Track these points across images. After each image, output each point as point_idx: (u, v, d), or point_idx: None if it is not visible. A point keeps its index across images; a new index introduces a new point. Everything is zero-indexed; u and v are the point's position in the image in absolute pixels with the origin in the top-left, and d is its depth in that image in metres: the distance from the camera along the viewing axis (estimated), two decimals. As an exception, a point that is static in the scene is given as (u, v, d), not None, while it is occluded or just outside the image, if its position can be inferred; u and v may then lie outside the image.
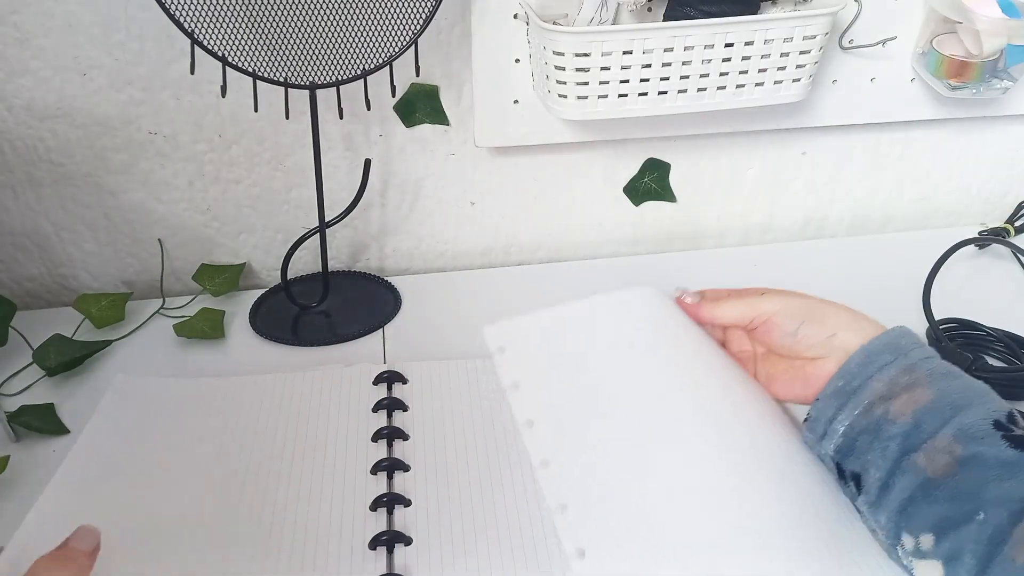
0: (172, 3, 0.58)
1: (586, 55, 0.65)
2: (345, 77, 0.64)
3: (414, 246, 0.85)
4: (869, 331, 0.53)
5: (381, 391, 0.64)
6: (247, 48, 0.61)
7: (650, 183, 0.85)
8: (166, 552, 0.51)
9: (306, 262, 0.82)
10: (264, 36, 0.61)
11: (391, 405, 0.62)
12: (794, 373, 0.56)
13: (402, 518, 0.54)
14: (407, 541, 0.52)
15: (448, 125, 0.77)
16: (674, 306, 0.60)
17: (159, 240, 0.79)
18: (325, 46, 0.63)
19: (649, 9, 0.70)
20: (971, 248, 0.83)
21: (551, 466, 0.51)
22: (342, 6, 0.62)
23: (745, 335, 0.60)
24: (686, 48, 0.66)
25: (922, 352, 0.52)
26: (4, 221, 0.75)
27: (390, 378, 0.64)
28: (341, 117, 0.66)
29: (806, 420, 0.54)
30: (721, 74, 0.68)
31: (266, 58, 0.62)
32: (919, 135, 0.87)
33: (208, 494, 0.55)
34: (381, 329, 0.74)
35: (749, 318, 0.58)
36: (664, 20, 0.68)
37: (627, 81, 0.67)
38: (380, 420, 0.61)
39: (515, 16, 0.70)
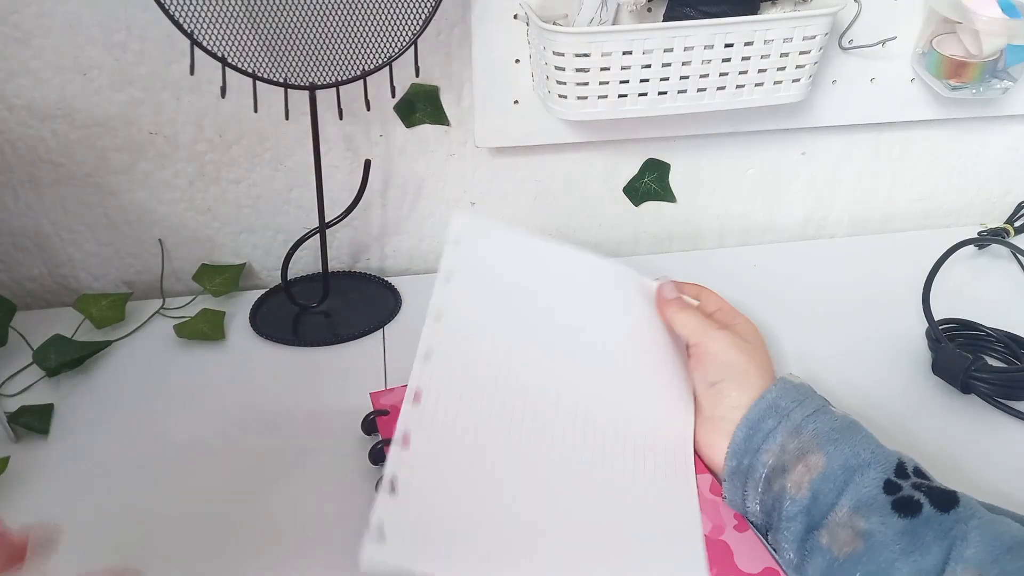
0: (172, 3, 0.58)
1: (586, 55, 0.65)
2: (345, 78, 0.64)
3: (414, 246, 0.85)
4: (755, 389, 0.52)
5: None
6: (247, 48, 0.61)
7: (650, 183, 0.85)
8: None
9: (306, 262, 0.82)
10: (264, 36, 0.62)
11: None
12: (705, 426, 0.55)
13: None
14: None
15: (448, 125, 0.77)
16: (645, 300, 0.60)
17: (159, 240, 0.79)
18: (325, 46, 0.63)
19: (649, 9, 0.70)
20: (971, 248, 0.83)
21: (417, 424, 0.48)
22: (342, 6, 0.62)
23: None
24: (686, 48, 0.66)
25: (804, 409, 0.50)
26: (4, 221, 0.75)
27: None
28: (341, 118, 0.66)
29: (725, 498, 0.53)
30: (721, 74, 0.68)
31: (266, 58, 0.62)
32: (919, 135, 0.87)
33: None
34: (381, 329, 0.74)
35: (693, 341, 0.57)
36: (664, 20, 0.68)
37: (627, 81, 0.67)
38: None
39: (515, 16, 0.70)
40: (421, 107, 0.75)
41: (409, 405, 0.49)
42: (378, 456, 0.57)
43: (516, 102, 0.74)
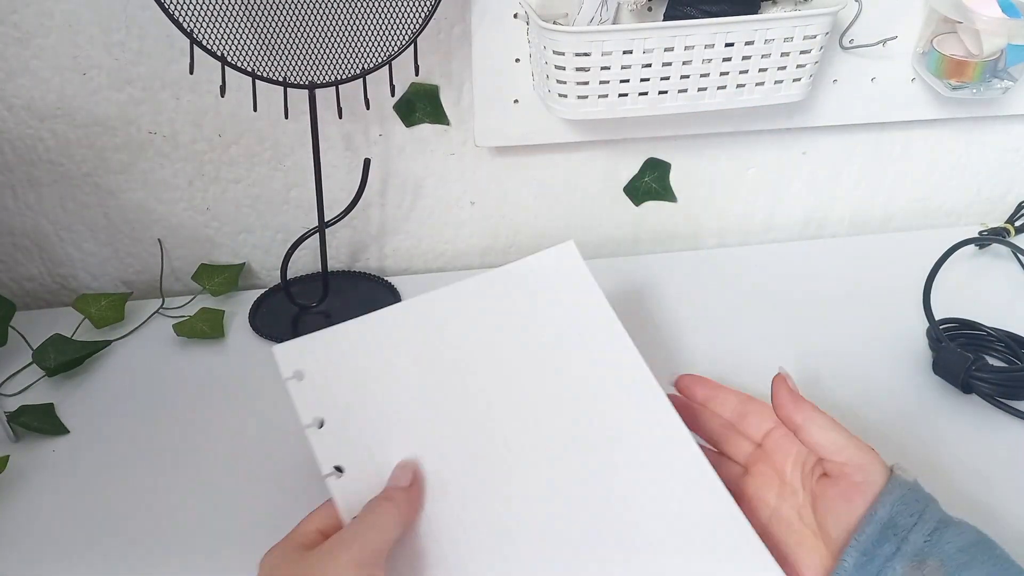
0: (171, 3, 0.58)
1: (586, 55, 0.65)
2: (344, 77, 0.64)
3: (414, 246, 0.85)
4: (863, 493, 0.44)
5: None
6: (246, 48, 0.61)
7: (650, 183, 0.85)
8: None
9: (306, 262, 0.82)
10: (263, 36, 0.61)
11: None
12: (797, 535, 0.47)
13: None
14: None
15: (448, 125, 0.77)
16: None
17: (159, 240, 0.79)
18: (324, 46, 0.63)
19: (649, 9, 0.70)
20: (971, 248, 0.83)
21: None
22: (341, 6, 0.62)
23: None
24: (686, 48, 0.66)
25: (925, 527, 0.42)
26: (4, 221, 0.75)
27: None
28: (340, 117, 0.66)
29: None
30: (721, 74, 0.68)
31: (265, 58, 0.62)
32: (919, 135, 0.87)
33: None
34: (381, 329, 0.74)
35: (841, 459, 0.46)
36: (664, 20, 0.68)
37: (627, 81, 0.67)
38: None
39: (515, 16, 0.70)
40: (421, 106, 0.75)
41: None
42: None
43: (516, 102, 0.74)
